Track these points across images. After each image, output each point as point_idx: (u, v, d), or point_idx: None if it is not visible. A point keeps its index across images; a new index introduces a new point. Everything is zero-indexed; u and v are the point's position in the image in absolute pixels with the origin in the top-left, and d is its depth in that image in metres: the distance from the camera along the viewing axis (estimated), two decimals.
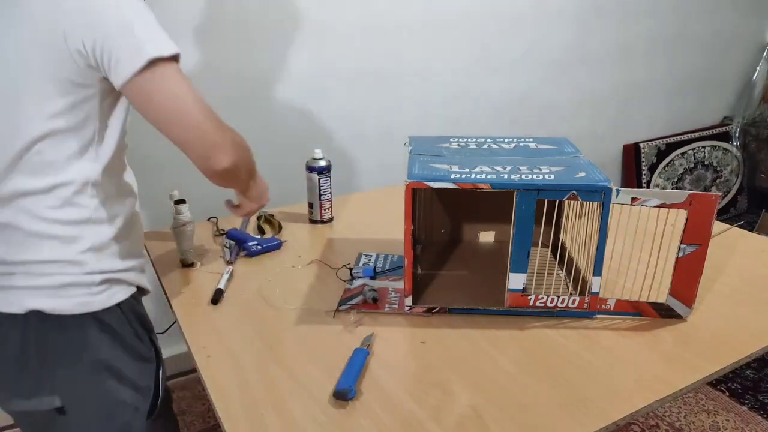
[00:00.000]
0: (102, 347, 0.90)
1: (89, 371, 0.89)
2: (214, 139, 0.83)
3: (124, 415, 0.93)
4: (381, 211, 1.60)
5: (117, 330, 0.91)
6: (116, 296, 0.91)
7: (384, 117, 2.22)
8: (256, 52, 1.89)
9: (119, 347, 0.91)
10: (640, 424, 1.86)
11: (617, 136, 2.98)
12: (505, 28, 2.36)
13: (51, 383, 0.88)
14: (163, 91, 0.79)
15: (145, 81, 0.78)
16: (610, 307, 1.06)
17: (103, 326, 0.89)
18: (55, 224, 0.84)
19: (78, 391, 0.90)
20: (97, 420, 0.92)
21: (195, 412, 1.96)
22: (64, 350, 0.88)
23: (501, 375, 0.92)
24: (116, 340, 0.91)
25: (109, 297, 0.90)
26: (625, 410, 0.84)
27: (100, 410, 0.92)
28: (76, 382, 0.89)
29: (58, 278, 0.85)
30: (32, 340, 0.86)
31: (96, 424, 0.92)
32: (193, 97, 0.81)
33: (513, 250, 1.02)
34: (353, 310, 1.11)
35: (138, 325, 0.96)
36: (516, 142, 1.25)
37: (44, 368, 0.88)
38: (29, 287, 0.85)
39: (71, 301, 0.86)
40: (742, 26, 3.15)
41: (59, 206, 0.84)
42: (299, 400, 0.87)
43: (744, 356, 0.96)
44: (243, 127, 1.12)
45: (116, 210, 0.91)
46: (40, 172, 0.82)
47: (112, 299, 0.90)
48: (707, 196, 0.96)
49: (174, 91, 0.80)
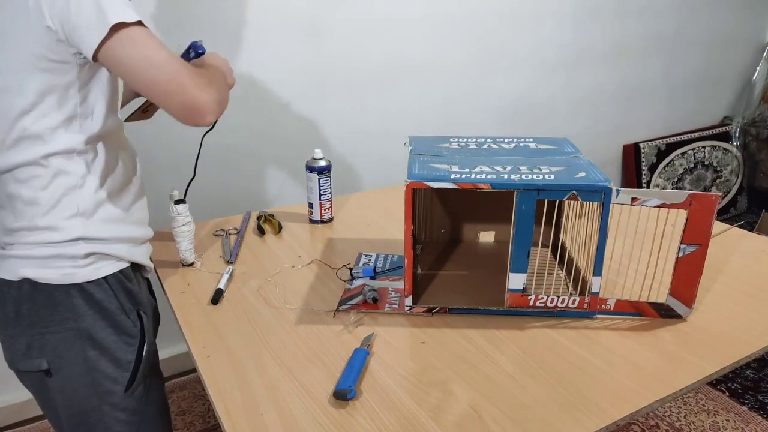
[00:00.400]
0: (86, 318, 0.95)
1: (73, 338, 0.95)
2: (194, 96, 0.85)
3: (104, 384, 0.98)
4: (381, 211, 1.60)
5: (102, 303, 0.96)
6: (102, 270, 0.95)
7: (384, 117, 2.22)
8: (256, 51, 1.89)
9: (103, 320, 0.96)
10: (640, 424, 1.86)
11: (617, 136, 2.98)
12: (505, 28, 2.36)
13: (40, 346, 0.95)
14: (134, 54, 0.83)
15: (113, 47, 0.82)
16: (610, 307, 1.06)
17: (89, 298, 0.95)
18: (46, 191, 0.90)
19: (62, 356, 0.95)
20: (79, 385, 0.97)
21: (195, 412, 1.96)
22: (51, 317, 0.93)
23: (501, 375, 0.92)
24: (101, 313, 0.96)
25: (95, 270, 0.95)
26: (625, 410, 0.84)
27: (81, 377, 0.97)
28: (60, 348, 0.95)
29: (46, 249, 0.91)
30: (24, 305, 0.93)
31: (78, 389, 0.97)
32: (165, 56, 0.84)
33: (513, 250, 1.02)
34: (353, 310, 1.11)
35: (126, 299, 0.99)
36: (516, 142, 1.25)
37: (34, 331, 0.94)
38: (23, 257, 0.92)
39: (58, 272, 0.92)
40: (741, 26, 3.15)
41: (49, 174, 0.89)
42: (299, 400, 0.87)
43: (744, 356, 0.96)
44: (243, 127, 1.12)
45: (106, 180, 0.96)
46: (29, 145, 0.87)
47: (97, 272, 0.95)
48: (707, 196, 0.96)
49: (144, 53, 0.83)
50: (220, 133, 1.90)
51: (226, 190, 1.98)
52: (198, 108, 0.86)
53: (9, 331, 0.96)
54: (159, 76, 0.83)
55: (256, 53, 1.89)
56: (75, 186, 0.92)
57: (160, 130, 1.73)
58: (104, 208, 0.96)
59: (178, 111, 0.86)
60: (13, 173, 0.89)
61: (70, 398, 0.98)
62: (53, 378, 0.96)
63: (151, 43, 0.84)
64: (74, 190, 0.92)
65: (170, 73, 0.84)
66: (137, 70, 0.83)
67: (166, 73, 0.84)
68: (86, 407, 0.98)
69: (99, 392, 0.98)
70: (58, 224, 0.91)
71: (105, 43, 0.81)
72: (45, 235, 0.91)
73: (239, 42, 1.85)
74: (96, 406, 0.99)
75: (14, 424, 1.91)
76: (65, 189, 0.91)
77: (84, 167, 0.92)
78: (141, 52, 0.83)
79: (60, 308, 0.93)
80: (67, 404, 0.98)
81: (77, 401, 0.98)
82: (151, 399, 1.07)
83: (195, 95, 0.85)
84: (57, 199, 0.91)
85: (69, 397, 0.98)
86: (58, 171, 0.90)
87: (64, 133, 0.89)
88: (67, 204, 0.91)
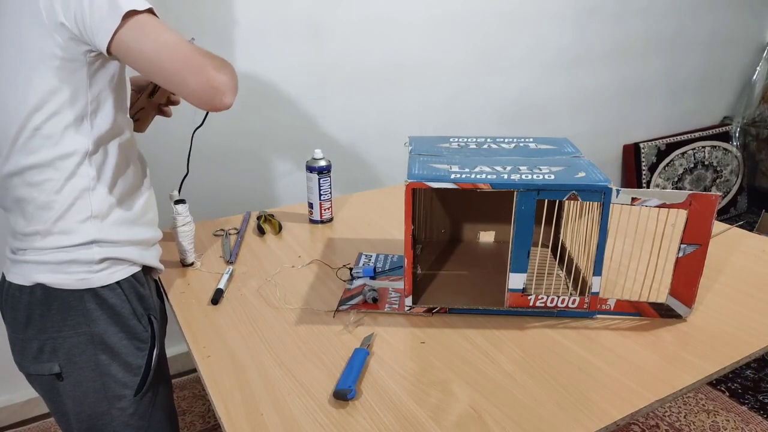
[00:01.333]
0: (99, 322, 0.95)
1: (85, 343, 0.95)
2: (213, 76, 0.84)
3: (114, 388, 0.99)
4: (381, 211, 1.60)
5: (115, 308, 0.96)
6: (116, 275, 0.96)
7: (384, 117, 2.22)
8: (256, 51, 1.89)
9: (115, 324, 0.96)
10: (640, 424, 1.86)
11: (617, 136, 2.98)
12: (505, 28, 2.36)
13: (51, 350, 0.94)
14: (147, 40, 0.82)
15: (126, 35, 0.81)
16: (610, 307, 1.06)
17: (102, 303, 0.95)
18: (59, 194, 0.89)
19: (74, 360, 0.95)
20: (90, 390, 0.97)
21: (195, 412, 1.96)
22: (64, 321, 0.93)
23: (501, 375, 0.92)
24: (113, 318, 0.96)
25: (109, 275, 0.95)
26: (625, 410, 0.84)
27: (92, 381, 0.97)
28: (72, 352, 0.95)
29: (60, 254, 0.91)
30: (36, 310, 0.93)
31: (89, 393, 0.98)
32: (177, 39, 0.84)
33: (513, 250, 1.02)
34: (353, 310, 1.11)
35: (138, 304, 0.99)
36: (516, 142, 1.25)
37: (45, 335, 0.94)
38: (37, 262, 0.91)
39: (72, 277, 0.92)
40: (741, 26, 3.15)
41: (62, 178, 0.89)
42: (299, 400, 0.87)
43: (744, 356, 0.96)
44: (243, 127, 1.12)
45: (117, 181, 0.96)
46: (40, 146, 0.87)
47: (111, 277, 0.95)
48: (707, 196, 0.96)
49: (157, 38, 0.83)
50: (220, 133, 1.90)
51: (226, 190, 1.98)
52: (218, 87, 0.85)
53: (20, 335, 0.95)
54: (175, 57, 0.83)
55: (257, 53, 1.89)
56: (88, 188, 0.91)
57: (160, 130, 1.73)
58: (117, 211, 0.95)
59: (197, 93, 0.85)
60: (23, 177, 0.89)
61: (81, 402, 0.98)
62: (64, 382, 0.96)
63: (163, 29, 0.84)
64: (87, 192, 0.91)
65: (186, 54, 0.83)
66: (152, 55, 0.83)
67: (182, 55, 0.83)
68: (96, 411, 0.99)
69: (109, 396, 0.98)
70: (72, 228, 0.91)
71: (118, 32, 0.81)
72: (59, 239, 0.91)
73: (240, 42, 1.85)
74: (105, 410, 0.99)
75: (14, 424, 1.91)
76: (79, 192, 0.90)
77: (95, 169, 0.92)
78: (154, 38, 0.82)
79: (73, 313, 0.93)
80: (77, 408, 0.98)
81: (87, 405, 0.98)
82: (160, 403, 1.07)
83: (213, 75, 0.85)
84: (71, 203, 0.90)
85: (79, 401, 0.98)
86: (71, 174, 0.89)
87: (75, 134, 0.88)
88: (81, 207, 0.91)
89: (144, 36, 0.82)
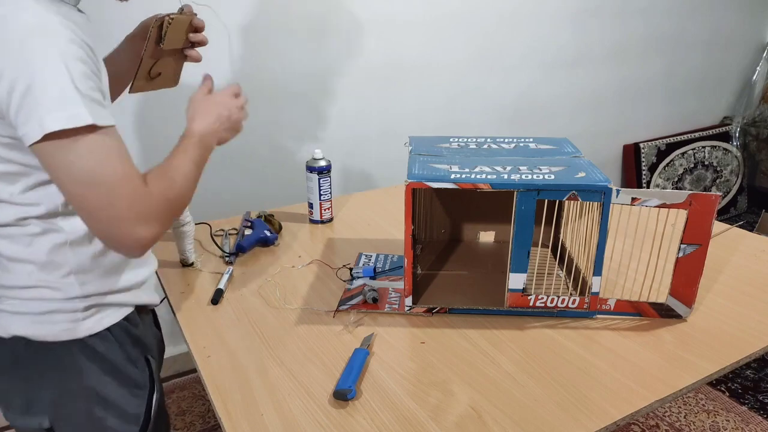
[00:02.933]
0: (89, 374, 0.86)
1: (76, 397, 0.87)
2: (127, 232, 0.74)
3: None
4: (381, 211, 1.60)
5: (106, 356, 0.87)
6: (105, 320, 0.87)
7: (384, 117, 2.22)
8: (255, 52, 1.89)
9: (108, 374, 0.88)
10: (640, 424, 1.86)
11: (617, 136, 2.98)
12: (505, 28, 2.36)
13: (40, 404, 0.87)
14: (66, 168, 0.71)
15: (44, 154, 0.71)
16: (610, 307, 1.06)
17: (91, 353, 0.86)
18: (32, 249, 0.81)
19: (65, 414, 0.87)
20: None
21: (195, 412, 1.96)
22: (51, 375, 0.85)
23: (501, 375, 0.92)
24: (105, 368, 0.87)
25: (97, 322, 0.86)
26: (625, 410, 0.84)
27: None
28: (63, 406, 0.87)
29: (40, 304, 0.82)
30: (20, 362, 0.85)
31: None
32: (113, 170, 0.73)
33: (513, 250, 1.02)
34: (353, 310, 1.11)
35: (132, 348, 0.91)
36: (516, 142, 1.25)
37: (33, 389, 0.86)
38: (14, 312, 0.83)
39: (55, 328, 0.83)
40: (741, 26, 3.15)
41: (34, 233, 0.80)
42: (299, 400, 0.87)
43: (744, 356, 0.96)
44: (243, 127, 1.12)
45: None
46: (4, 207, 0.79)
47: (100, 324, 0.86)
48: (707, 196, 0.96)
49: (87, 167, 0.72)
50: None
51: (226, 190, 1.98)
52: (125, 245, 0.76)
53: (6, 386, 0.87)
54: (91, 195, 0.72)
55: (257, 54, 1.89)
56: (63, 243, 0.81)
57: (160, 130, 1.73)
58: (101, 261, 0.85)
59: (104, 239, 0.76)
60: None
61: None
62: None
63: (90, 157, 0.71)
64: (63, 248, 0.81)
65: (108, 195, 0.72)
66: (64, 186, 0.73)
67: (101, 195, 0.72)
68: None
69: None
70: (51, 284, 0.82)
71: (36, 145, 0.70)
72: (40, 292, 0.82)
73: (241, 43, 1.85)
74: None
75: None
76: (52, 246, 0.81)
77: (69, 223, 0.81)
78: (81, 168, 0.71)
79: (59, 366, 0.85)
80: None
81: None
82: None
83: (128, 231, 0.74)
84: (46, 258, 0.81)
85: None
86: (42, 230, 0.80)
87: (36, 196, 0.78)
88: (59, 263, 0.82)
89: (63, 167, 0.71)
